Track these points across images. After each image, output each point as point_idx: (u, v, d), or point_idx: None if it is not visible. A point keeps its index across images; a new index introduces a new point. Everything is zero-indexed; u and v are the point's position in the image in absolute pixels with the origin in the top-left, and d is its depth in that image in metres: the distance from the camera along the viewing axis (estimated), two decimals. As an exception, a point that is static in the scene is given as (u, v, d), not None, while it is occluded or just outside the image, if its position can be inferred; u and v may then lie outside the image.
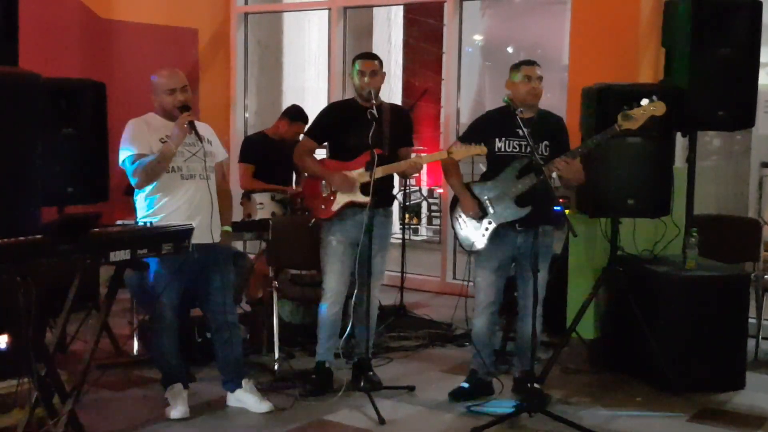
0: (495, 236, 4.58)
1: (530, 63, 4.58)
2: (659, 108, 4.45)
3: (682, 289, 4.90)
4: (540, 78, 4.52)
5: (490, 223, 4.58)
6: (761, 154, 6.37)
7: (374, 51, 8.85)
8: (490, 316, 4.71)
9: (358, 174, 4.65)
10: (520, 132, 4.44)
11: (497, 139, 4.55)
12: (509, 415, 4.28)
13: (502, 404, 4.47)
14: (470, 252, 4.71)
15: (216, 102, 8.34)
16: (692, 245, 4.93)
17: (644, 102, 4.46)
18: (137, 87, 4.95)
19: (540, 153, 4.47)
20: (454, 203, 4.74)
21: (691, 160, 5.04)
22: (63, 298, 3.29)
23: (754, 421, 4.43)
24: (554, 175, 4.55)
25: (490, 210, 4.58)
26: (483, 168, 4.78)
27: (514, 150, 4.55)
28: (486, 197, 4.60)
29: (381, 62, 4.78)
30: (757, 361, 5.37)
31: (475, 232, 4.61)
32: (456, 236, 4.75)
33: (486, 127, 4.65)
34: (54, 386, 2.95)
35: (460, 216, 4.67)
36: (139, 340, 5.35)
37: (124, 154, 4.23)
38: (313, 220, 4.84)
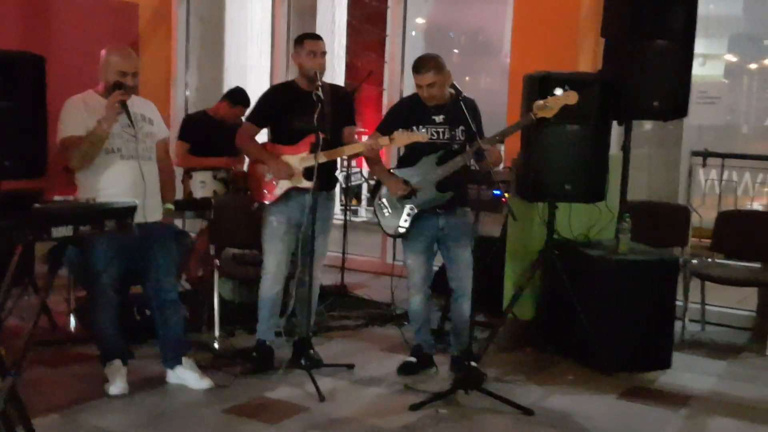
0: (417, 219, 4.70)
1: (416, 70, 4.62)
2: (572, 97, 4.59)
3: (614, 273, 5.05)
4: (431, 84, 4.57)
5: (412, 209, 4.69)
6: (692, 143, 6.55)
7: (318, 31, 8.85)
8: (426, 292, 4.84)
9: (301, 158, 4.67)
10: (437, 119, 4.61)
11: (414, 128, 4.62)
12: (446, 392, 4.39)
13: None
14: (394, 237, 4.82)
15: (156, 78, 8.23)
16: (625, 230, 5.07)
17: (558, 91, 4.61)
18: (76, 61, 4.89)
19: (458, 138, 4.62)
20: (375, 190, 4.82)
21: (626, 148, 5.17)
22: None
23: (680, 398, 4.60)
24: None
25: (415, 194, 4.67)
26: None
27: (432, 137, 4.65)
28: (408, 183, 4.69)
29: (324, 43, 4.80)
30: (683, 342, 5.57)
31: (398, 218, 4.71)
32: (379, 223, 4.83)
33: (402, 116, 4.72)
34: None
35: (383, 202, 4.75)
36: (76, 317, 5.32)
37: (60, 135, 4.19)
38: (256, 204, 4.85)
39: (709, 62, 6.80)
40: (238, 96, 6.31)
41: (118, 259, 4.24)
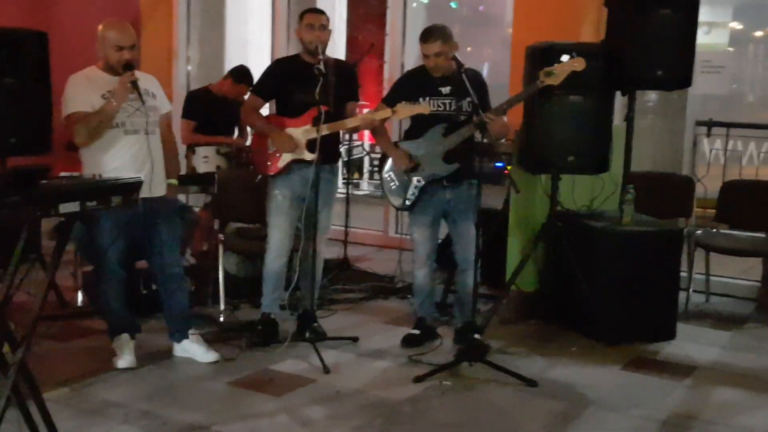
0: (424, 192, 4.71)
1: (425, 39, 4.63)
2: (579, 64, 4.58)
3: (617, 244, 5.06)
4: (438, 54, 4.57)
5: (419, 181, 4.70)
6: (696, 113, 6.54)
7: (318, 5, 8.80)
8: (431, 265, 4.87)
9: (304, 131, 4.68)
10: (443, 90, 4.60)
11: (421, 99, 4.63)
12: (450, 364, 4.42)
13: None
14: (401, 209, 4.83)
15: (158, 53, 8.21)
16: (628, 201, 5.08)
17: (564, 58, 4.59)
18: (79, 35, 4.88)
19: (464, 110, 4.61)
20: (382, 163, 4.83)
21: (629, 119, 5.17)
22: (6, 251, 3.27)
23: (684, 369, 4.62)
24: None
25: (420, 167, 4.68)
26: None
27: (438, 109, 4.65)
28: (414, 155, 4.70)
29: (328, 18, 4.79)
30: (687, 313, 5.57)
31: (405, 191, 4.72)
32: (386, 196, 4.84)
33: (408, 88, 4.72)
34: (4, 336, 2.96)
35: (390, 175, 4.77)
36: (83, 291, 5.36)
37: (66, 111, 4.19)
38: (259, 176, 4.87)
39: (714, 30, 6.75)
40: (241, 74, 6.32)
41: (124, 235, 4.26)
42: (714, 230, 5.96)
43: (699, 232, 5.87)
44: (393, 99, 4.67)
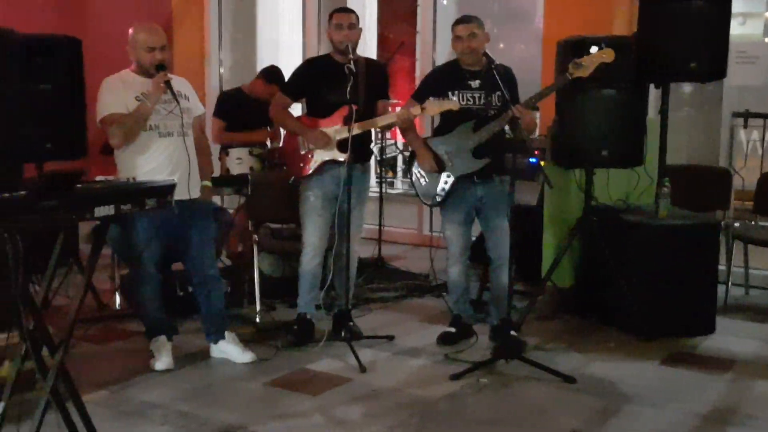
0: (455, 189, 4.68)
1: (459, 22, 4.63)
2: (608, 55, 4.53)
3: (654, 238, 5.00)
4: (472, 34, 4.57)
5: (449, 176, 4.69)
6: (732, 104, 6.45)
7: (348, 4, 8.81)
8: (464, 262, 4.86)
9: (335, 130, 4.69)
10: (473, 84, 4.59)
11: (450, 93, 4.62)
12: (487, 362, 4.40)
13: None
14: (432, 206, 4.82)
15: (190, 57, 8.29)
16: (664, 195, 5.02)
17: (593, 50, 4.55)
18: (112, 41, 4.93)
19: (494, 104, 4.59)
20: (412, 159, 4.82)
21: (663, 112, 5.10)
22: (44, 255, 3.32)
23: (724, 363, 4.56)
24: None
25: (449, 164, 4.67)
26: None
27: (468, 103, 4.63)
28: (444, 151, 4.69)
29: (357, 17, 4.79)
30: (727, 307, 5.51)
31: (436, 187, 4.70)
32: (416, 192, 4.84)
33: (438, 83, 4.72)
34: (43, 339, 3.00)
35: (419, 172, 4.76)
36: (120, 294, 5.41)
37: (100, 114, 4.24)
38: (292, 178, 4.88)
39: (749, 21, 6.67)
40: (273, 74, 6.34)
41: (159, 237, 4.30)
42: (752, 222, 5.87)
43: (737, 224, 5.79)
44: (422, 95, 4.67)
